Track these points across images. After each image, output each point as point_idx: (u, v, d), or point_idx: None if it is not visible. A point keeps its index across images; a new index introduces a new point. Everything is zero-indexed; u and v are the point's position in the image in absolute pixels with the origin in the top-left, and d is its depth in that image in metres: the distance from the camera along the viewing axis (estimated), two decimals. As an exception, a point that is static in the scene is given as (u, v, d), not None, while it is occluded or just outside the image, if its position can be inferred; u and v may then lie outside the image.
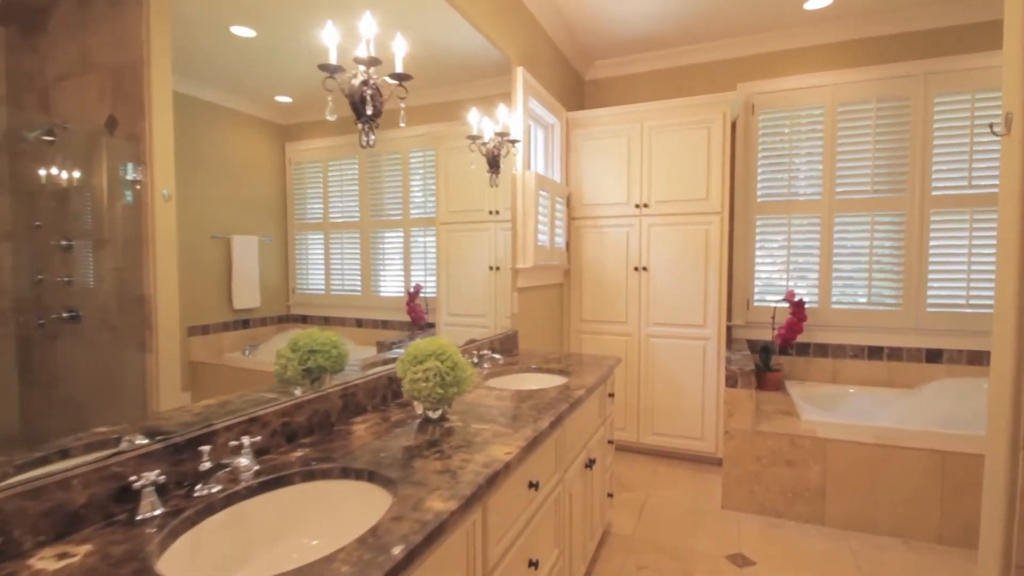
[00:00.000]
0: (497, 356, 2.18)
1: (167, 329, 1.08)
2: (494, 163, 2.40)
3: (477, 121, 2.31)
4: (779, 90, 3.41)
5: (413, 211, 1.96)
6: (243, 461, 1.03)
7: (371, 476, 1.12)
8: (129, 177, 1.02)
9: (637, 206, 3.30)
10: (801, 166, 3.39)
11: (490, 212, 2.58)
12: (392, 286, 1.84)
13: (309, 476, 1.13)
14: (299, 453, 1.22)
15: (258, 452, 1.20)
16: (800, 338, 3.37)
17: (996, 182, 3.01)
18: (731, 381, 2.64)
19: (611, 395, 2.37)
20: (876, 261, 3.26)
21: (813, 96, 3.34)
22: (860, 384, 3.28)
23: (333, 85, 1.48)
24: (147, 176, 1.04)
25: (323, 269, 1.52)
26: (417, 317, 1.99)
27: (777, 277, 3.47)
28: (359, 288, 1.67)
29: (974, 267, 3.07)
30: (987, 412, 1.50)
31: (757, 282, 3.52)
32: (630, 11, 3.12)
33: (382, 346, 1.84)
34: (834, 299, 3.35)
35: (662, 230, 3.26)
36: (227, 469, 1.02)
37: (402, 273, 1.89)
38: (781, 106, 3.41)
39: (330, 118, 1.49)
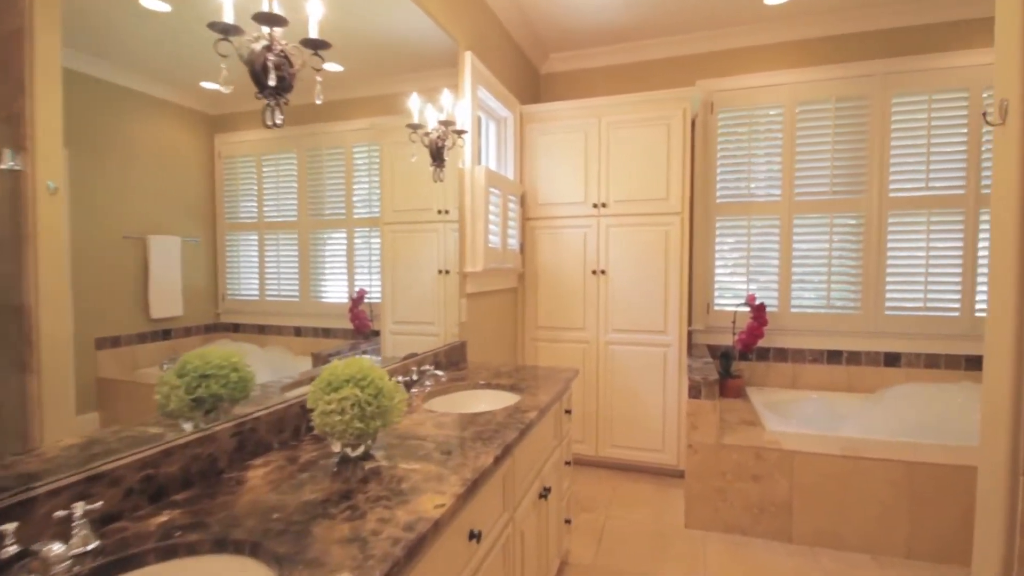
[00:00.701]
0: (440, 373, 1.92)
1: (55, 344, 0.89)
2: (438, 155, 2.14)
3: (419, 108, 2.04)
4: (738, 88, 3.28)
5: (358, 210, 1.79)
6: (57, 548, 0.73)
7: (253, 550, 0.85)
8: (3, 166, 0.81)
9: (595, 206, 3.11)
10: (760, 166, 3.28)
11: (439, 212, 2.34)
12: (334, 291, 1.67)
13: (168, 553, 0.84)
14: (163, 518, 0.93)
15: (105, 520, 0.91)
16: (760, 342, 3.25)
17: (950, 183, 2.97)
18: (694, 392, 2.47)
19: (568, 412, 2.15)
20: (835, 264, 3.17)
21: (772, 95, 3.23)
22: (820, 389, 3.19)
23: (228, 49, 1.19)
24: (27, 165, 0.84)
25: (257, 273, 1.39)
26: (361, 325, 1.78)
27: (737, 280, 3.35)
28: (297, 293, 1.52)
29: (932, 270, 3.02)
30: (980, 431, 1.35)
31: (717, 285, 3.39)
32: (587, 0, 2.92)
33: (318, 359, 1.59)
34: (794, 302, 3.25)
35: (621, 231, 3.07)
36: (36, 557, 0.73)
37: (345, 277, 1.72)
38: (740, 104, 3.29)
39: (223, 90, 1.21)
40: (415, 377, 1.90)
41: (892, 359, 3.09)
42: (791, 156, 3.20)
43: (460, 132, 2.21)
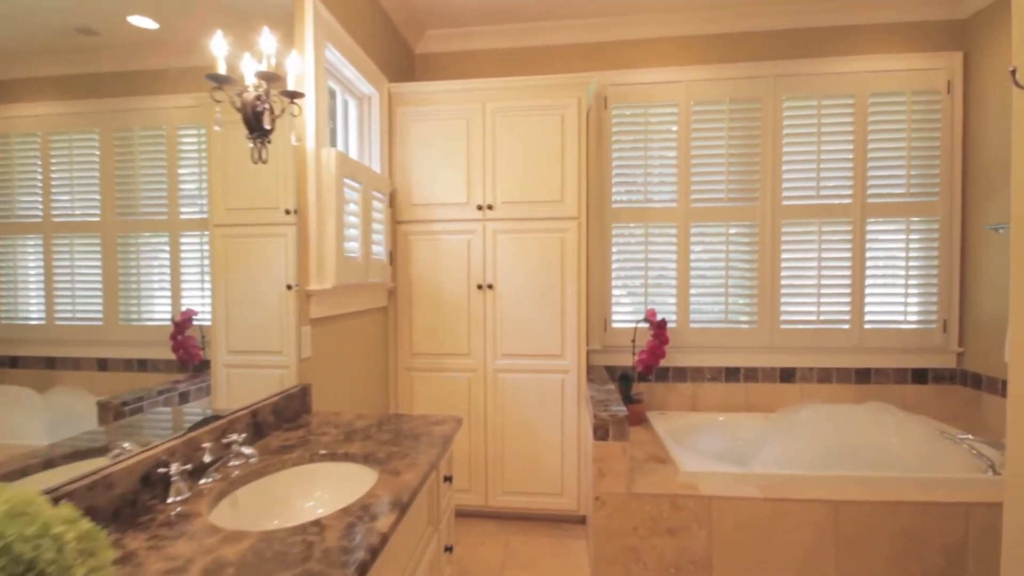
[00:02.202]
0: (247, 451, 1.25)
1: None
2: (255, 124, 1.47)
3: (224, 52, 1.37)
4: (633, 83, 2.96)
5: (186, 209, 1.37)
6: None
7: None
8: None
9: (480, 208, 2.58)
10: (656, 169, 2.98)
11: (287, 211, 1.76)
12: (154, 311, 1.28)
13: None
14: None
15: None
16: (660, 362, 2.94)
17: (839, 192, 2.88)
18: (601, 431, 2.03)
19: (448, 479, 1.58)
20: (732, 275, 2.96)
21: (668, 92, 2.94)
22: (720, 409, 2.95)
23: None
24: None
25: (43, 288, 1.07)
26: (188, 355, 1.34)
27: (635, 294, 3.02)
28: (100, 315, 1.17)
29: (824, 281, 2.90)
30: (1007, 460, 1.01)
31: (614, 300, 3.03)
32: (467, -41, 2.40)
33: (109, 411, 1.10)
34: (693, 317, 2.98)
35: (511, 238, 2.58)
36: None
37: (169, 293, 1.32)
38: (635, 100, 2.97)
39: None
40: (207, 459, 1.21)
41: (787, 375, 2.93)
42: (687, 159, 2.94)
43: (294, 96, 1.56)
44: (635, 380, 2.94)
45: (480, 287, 2.59)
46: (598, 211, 2.99)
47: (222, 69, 1.37)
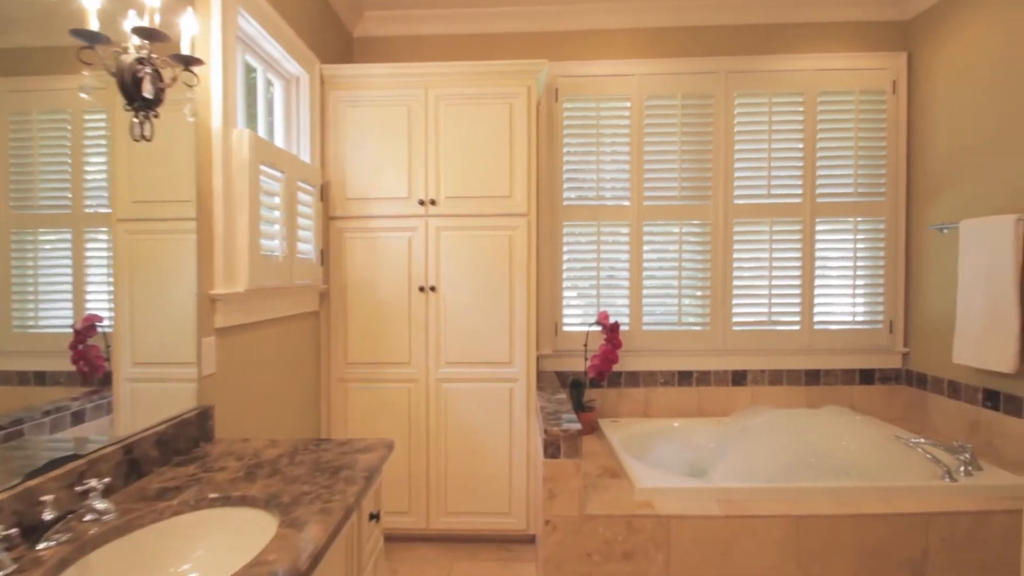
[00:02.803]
0: (101, 506, 0.97)
1: None
2: (133, 92, 1.19)
3: (97, 4, 1.09)
4: (585, 75, 2.80)
5: (92, 201, 1.18)
6: None
7: None
8: None
9: (422, 203, 2.34)
10: (608, 165, 2.83)
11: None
12: (54, 317, 1.10)
13: None
14: None
15: None
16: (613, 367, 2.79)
17: (792, 191, 2.81)
18: (552, 449, 1.83)
19: (375, 516, 1.34)
20: (685, 276, 2.84)
21: (620, 85, 2.80)
22: (672, 414, 2.82)
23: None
24: None
25: None
26: (90, 367, 1.16)
27: (587, 296, 2.85)
28: None
29: (775, 282, 2.83)
30: None
31: (566, 302, 2.86)
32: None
33: None
34: (645, 320, 2.85)
35: (456, 236, 2.35)
36: None
37: (71, 297, 1.13)
38: (587, 93, 2.81)
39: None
40: (50, 515, 0.93)
41: (739, 377, 2.84)
42: (640, 156, 2.80)
43: (190, 62, 1.28)
44: (587, 386, 2.78)
45: (422, 289, 2.35)
46: (549, 209, 2.81)
47: (94, 24, 1.09)
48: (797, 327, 2.83)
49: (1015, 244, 2.13)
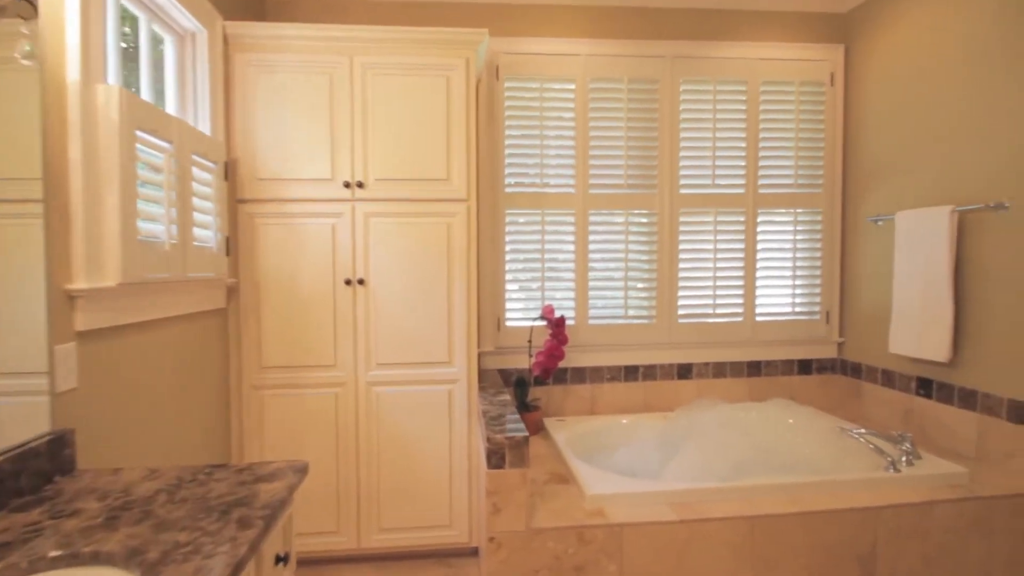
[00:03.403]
0: None
1: None
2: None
3: None
4: (527, 52, 2.60)
5: None
6: None
7: None
8: None
9: (348, 185, 2.07)
10: (552, 150, 2.66)
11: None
12: None
13: None
14: None
15: None
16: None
17: (736, 181, 2.75)
18: (495, 458, 1.64)
19: (283, 559, 1.10)
20: (631, 267, 2.72)
21: (564, 66, 2.62)
22: (619, 410, 2.71)
23: None
24: None
25: None
26: None
27: (531, 288, 2.68)
28: None
29: (719, 273, 2.77)
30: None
31: (509, 295, 2.67)
32: None
33: None
34: (592, 313, 2.71)
35: (387, 223, 2.10)
36: None
37: None
38: (529, 73, 2.61)
39: None
40: None
41: (685, 370, 2.77)
42: (585, 141, 2.65)
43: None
44: (532, 385, 2.61)
45: (349, 282, 2.08)
46: (490, 195, 2.60)
47: None
48: (740, 319, 2.79)
49: (950, 234, 2.15)
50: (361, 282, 2.08)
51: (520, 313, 2.67)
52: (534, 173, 2.65)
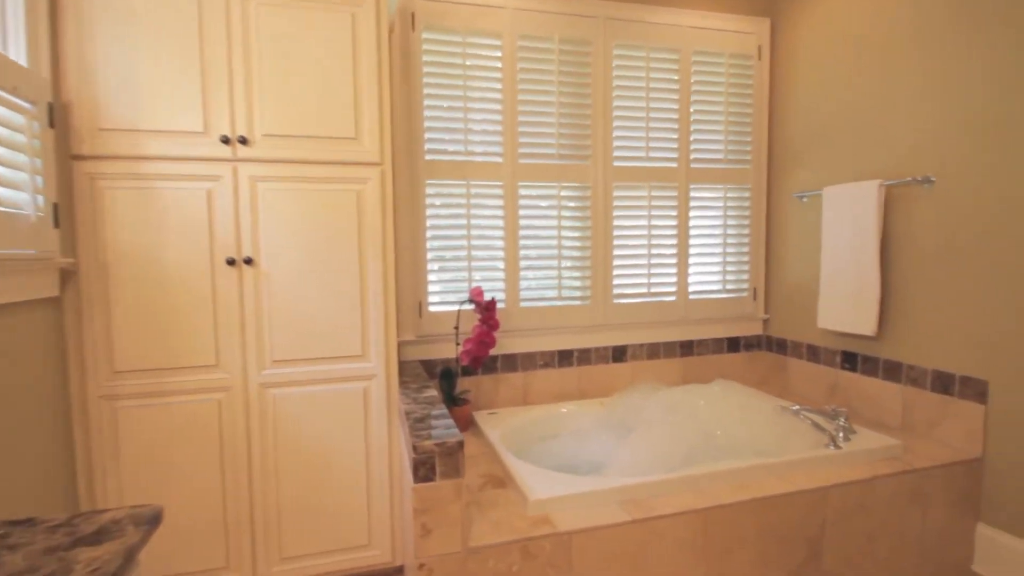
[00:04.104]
0: None
1: None
2: None
3: None
4: (447, 0, 2.28)
5: None
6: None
7: None
8: None
9: (227, 141, 1.65)
10: (478, 114, 2.37)
11: None
12: None
13: None
14: None
15: None
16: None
17: (669, 155, 2.62)
18: (424, 470, 1.36)
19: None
20: (565, 245, 2.52)
21: (489, 18, 2.33)
22: (553, 399, 2.52)
23: None
24: None
25: None
26: None
27: (455, 268, 2.38)
28: None
29: (654, 251, 2.64)
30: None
31: (431, 277, 2.36)
32: None
33: None
34: (523, 295, 2.48)
35: (281, 190, 1.71)
36: None
37: None
38: (450, 24, 2.29)
39: None
40: None
41: (619, 353, 2.63)
42: (513, 105, 2.39)
43: None
44: (460, 375, 2.33)
45: (233, 263, 1.67)
46: (408, 162, 2.27)
47: None
48: (674, 298, 2.68)
49: (877, 209, 2.14)
50: (249, 262, 1.68)
51: (444, 296, 2.37)
52: (458, 139, 2.34)
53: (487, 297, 2.26)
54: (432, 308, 2.35)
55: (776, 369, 2.78)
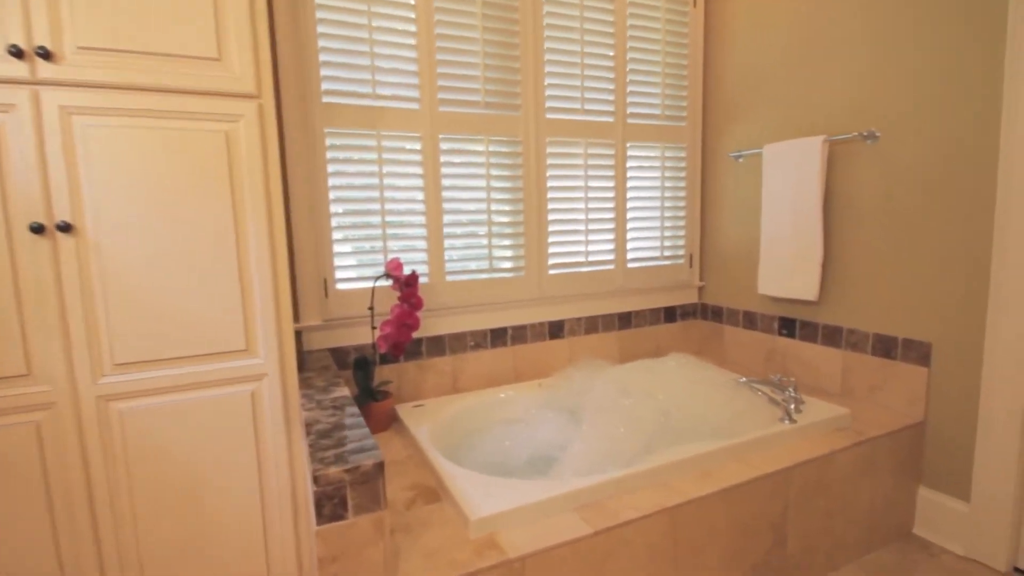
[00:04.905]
0: None
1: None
2: None
3: None
4: (345, -98, 1.80)
5: None
6: None
7: None
8: None
9: (18, 54, 1.12)
10: (386, 48, 1.94)
11: None
12: None
13: None
14: None
15: None
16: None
17: (604, 107, 2.36)
18: (329, 506, 1.00)
19: None
20: (495, 209, 2.19)
21: (399, -69, 1.89)
22: (485, 383, 2.23)
23: None
24: None
25: None
26: None
27: (369, 236, 1.98)
28: None
29: (592, 215, 2.39)
30: None
31: (337, 249, 1.94)
32: None
33: None
34: (449, 268, 2.13)
35: (113, 127, 1.21)
36: None
37: None
38: (350, -67, 1.83)
39: None
40: None
41: (556, 329, 2.38)
42: (430, 39, 1.98)
43: None
44: (377, 364, 1.96)
45: (40, 230, 1.17)
46: (299, 104, 1.81)
47: None
48: (612, 266, 2.46)
49: (821, 166, 2.02)
50: (67, 228, 1.19)
51: (355, 272, 1.96)
52: (364, 79, 1.91)
53: (407, 271, 1.89)
54: (340, 286, 1.93)
55: (712, 338, 2.67)
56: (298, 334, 1.86)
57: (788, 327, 2.28)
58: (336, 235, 1.91)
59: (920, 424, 1.82)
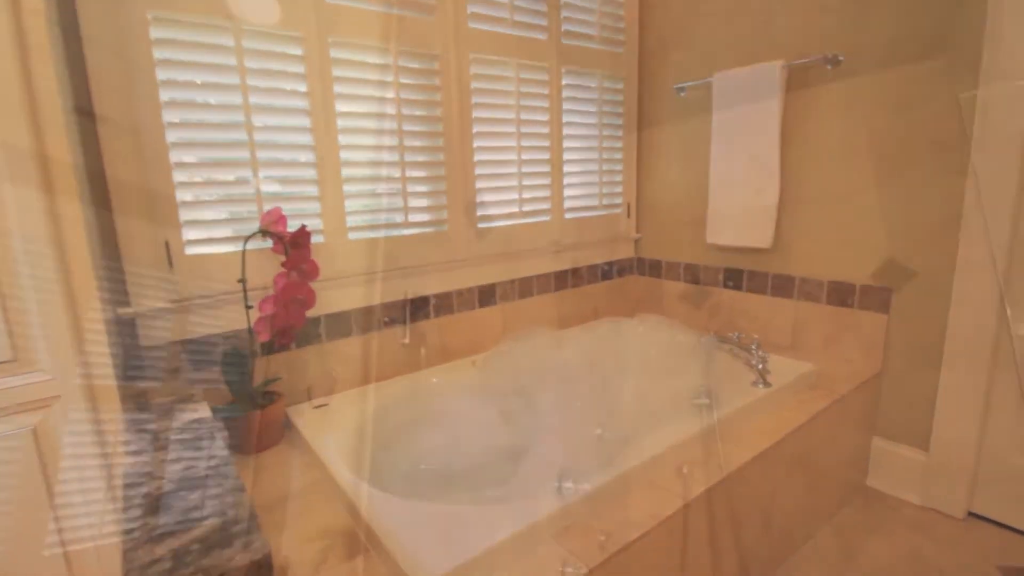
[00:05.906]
0: None
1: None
2: None
3: None
4: None
5: None
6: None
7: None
8: None
9: None
10: (243, -92, 1.32)
11: None
12: None
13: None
14: None
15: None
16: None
17: (537, 20, 1.92)
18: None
19: None
20: (408, 146, 1.69)
21: None
22: (411, 368, 1.78)
23: None
24: None
25: None
26: None
27: (230, 182, 1.40)
28: None
29: (525, 156, 1.97)
30: None
31: (184, 195, 1.33)
32: None
33: None
34: (352, 222, 1.61)
35: None
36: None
37: None
38: None
39: None
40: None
41: (487, 295, 1.98)
42: (308, -97, 1.39)
43: None
44: (259, 356, 1.43)
45: None
46: (99, -27, 1.15)
47: None
48: (548, 217, 2.10)
49: (780, 96, 1.78)
50: None
51: (215, 229, 1.38)
52: (205, -56, 1.28)
53: (294, 226, 1.35)
54: (193, 249, 1.35)
55: (650, 294, 2.44)
56: (131, 324, 1.27)
57: (735, 278, 2.09)
58: (179, 176, 1.31)
59: (877, 375, 1.71)
